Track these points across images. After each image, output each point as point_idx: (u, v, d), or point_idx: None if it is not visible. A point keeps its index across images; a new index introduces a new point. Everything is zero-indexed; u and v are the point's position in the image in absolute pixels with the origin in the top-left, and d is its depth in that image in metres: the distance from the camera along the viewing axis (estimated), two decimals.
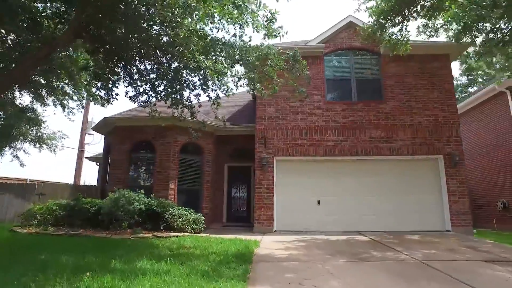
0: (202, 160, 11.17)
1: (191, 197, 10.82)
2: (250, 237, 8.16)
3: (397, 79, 10.30)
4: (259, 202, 9.68)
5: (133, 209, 8.67)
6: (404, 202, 9.62)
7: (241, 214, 12.34)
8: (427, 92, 10.13)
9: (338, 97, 10.48)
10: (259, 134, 10.19)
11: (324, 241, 7.81)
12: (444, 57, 10.34)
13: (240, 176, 12.63)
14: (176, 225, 8.54)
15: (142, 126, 10.67)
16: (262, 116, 10.33)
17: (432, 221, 9.43)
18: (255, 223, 9.55)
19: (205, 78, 6.38)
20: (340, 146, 9.88)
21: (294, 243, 7.48)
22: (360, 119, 10.06)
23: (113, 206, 8.60)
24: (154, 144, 10.54)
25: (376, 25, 8.64)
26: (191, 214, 8.93)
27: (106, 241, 6.96)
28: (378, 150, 9.76)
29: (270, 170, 9.88)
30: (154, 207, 9.00)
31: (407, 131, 9.86)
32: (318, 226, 9.62)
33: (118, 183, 10.28)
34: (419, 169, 9.82)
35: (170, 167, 10.28)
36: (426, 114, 9.95)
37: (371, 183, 9.81)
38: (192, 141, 10.97)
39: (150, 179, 10.43)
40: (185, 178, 10.71)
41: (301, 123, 10.17)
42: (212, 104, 7.06)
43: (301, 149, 9.95)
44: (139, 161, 10.75)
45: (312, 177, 10.00)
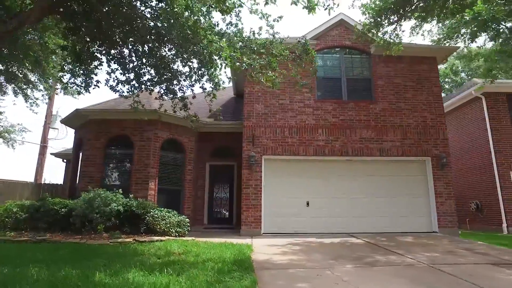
0: (184, 158, 10.45)
1: (172, 197, 10.07)
2: (239, 241, 7.63)
3: (387, 80, 10.26)
4: (247, 203, 9.16)
5: (110, 210, 7.80)
6: (393, 204, 9.56)
7: (223, 216, 11.75)
8: (416, 94, 10.18)
9: (328, 96, 10.24)
10: (247, 132, 9.68)
11: (319, 244, 7.47)
12: (431, 60, 10.47)
13: (222, 176, 12.03)
14: (159, 228, 7.80)
15: (120, 120, 9.76)
16: (250, 113, 9.83)
17: (420, 223, 9.45)
18: (242, 225, 9.03)
19: (206, 64, 5.75)
20: (330, 146, 9.64)
21: (288, 247, 7.06)
22: (350, 119, 9.89)
23: (87, 208, 7.68)
24: (133, 139, 9.67)
25: (372, 23, 8.48)
26: (174, 216, 8.21)
27: (82, 248, 6.10)
28: (368, 150, 9.63)
29: (258, 169, 9.41)
30: (134, 208, 8.18)
31: (397, 132, 9.83)
32: (307, 228, 9.29)
33: (91, 181, 9.29)
34: (408, 171, 9.82)
35: (150, 165, 9.46)
36: (415, 115, 9.99)
37: (361, 184, 9.66)
38: (174, 138, 10.23)
39: (128, 178, 9.54)
40: (166, 177, 9.94)
41: (291, 121, 9.80)
42: (207, 96, 6.46)
43: (290, 148, 9.57)
44: (116, 158, 9.81)
45: (301, 177, 9.66)
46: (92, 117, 9.77)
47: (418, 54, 10.44)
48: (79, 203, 7.92)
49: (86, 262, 4.73)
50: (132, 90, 7.39)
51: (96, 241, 6.92)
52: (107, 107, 9.82)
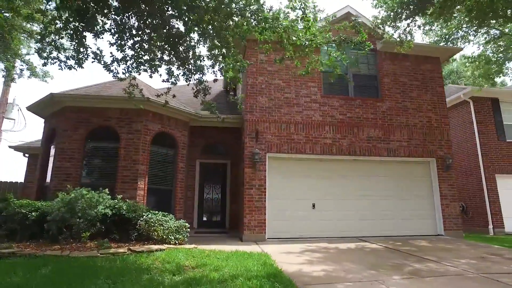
0: (175, 155, 9.31)
1: (162, 198, 8.90)
2: (248, 248, 6.77)
3: (393, 78, 9.93)
4: (250, 206, 8.29)
5: (96, 214, 6.55)
6: (398, 206, 9.21)
7: (214, 219, 10.74)
8: (420, 93, 9.95)
9: (334, 91, 9.67)
10: (249, 127, 8.81)
11: (337, 250, 6.82)
12: (435, 60, 10.33)
13: (214, 175, 11.03)
14: (156, 235, 6.67)
15: (103, 109, 8.41)
16: (253, 106, 8.97)
17: (425, 225, 9.20)
18: (245, 230, 8.14)
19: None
20: (338, 144, 9.07)
21: (308, 255, 6.32)
22: (357, 116, 9.40)
23: (67, 211, 6.36)
24: (119, 131, 8.37)
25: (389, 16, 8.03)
26: (172, 221, 7.12)
27: (67, 263, 4.85)
28: (376, 150, 9.20)
29: (262, 168, 8.58)
30: (123, 211, 6.96)
31: (403, 132, 9.51)
32: (313, 232, 8.63)
33: (67, 179, 7.87)
34: (413, 172, 9.55)
35: (139, 161, 8.24)
36: (420, 115, 9.75)
37: (366, 186, 9.20)
38: (166, 131, 9.07)
39: (112, 175, 8.22)
40: (156, 176, 8.76)
41: (297, 117, 9.10)
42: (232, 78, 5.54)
43: (296, 145, 8.86)
44: (97, 153, 8.42)
45: (307, 178, 8.99)
46: (69, 104, 8.32)
47: (422, 53, 10.23)
48: (55, 205, 6.56)
49: (82, 287, 3.61)
50: (129, 70, 6.24)
51: (82, 252, 5.66)
52: (90, 92, 8.41)
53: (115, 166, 8.27)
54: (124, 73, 6.26)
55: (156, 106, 8.56)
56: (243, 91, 10.11)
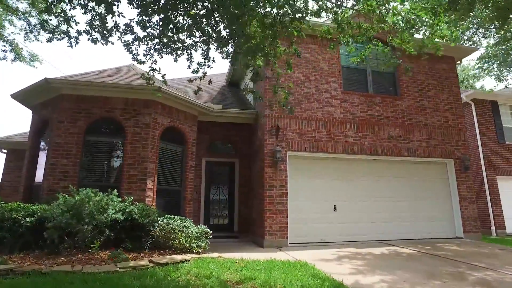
0: (185, 152, 8.45)
1: (171, 200, 8.03)
2: (277, 255, 6.13)
3: (411, 76, 9.63)
4: (271, 208, 7.63)
5: (106, 219, 5.62)
6: (416, 208, 8.92)
7: (221, 222, 9.96)
8: (437, 93, 9.74)
9: (354, 88, 9.22)
10: (269, 123, 8.14)
11: (375, 256, 6.33)
12: (450, 60, 10.17)
13: (221, 174, 10.25)
14: (178, 243, 5.83)
15: (106, 98, 7.41)
16: (273, 101, 8.31)
17: (443, 227, 8.97)
18: (266, 235, 7.46)
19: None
20: (359, 143, 8.61)
21: (348, 262, 5.77)
22: (378, 115, 9.01)
23: (72, 216, 5.38)
24: (124, 124, 7.40)
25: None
26: (192, 227, 6.31)
27: (88, 283, 3.95)
28: (397, 150, 8.85)
29: (283, 167, 7.94)
30: (135, 216, 6.07)
31: (423, 132, 9.23)
32: (335, 236, 8.12)
33: (65, 179, 6.82)
34: (430, 173, 9.30)
35: (147, 158, 7.32)
36: (438, 115, 9.53)
37: (386, 187, 8.83)
38: (175, 126, 8.19)
39: (117, 174, 7.25)
40: (164, 175, 7.86)
41: (317, 113, 8.54)
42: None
43: (318, 143, 8.30)
44: (99, 148, 7.39)
45: (328, 178, 8.46)
46: (67, 92, 7.24)
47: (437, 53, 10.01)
48: (56, 209, 5.56)
49: None
50: (151, 53, 5.39)
51: (96, 266, 4.74)
52: (89, 79, 7.36)
53: (120, 164, 7.30)
54: (145, 54, 5.40)
55: (165, 97, 7.70)
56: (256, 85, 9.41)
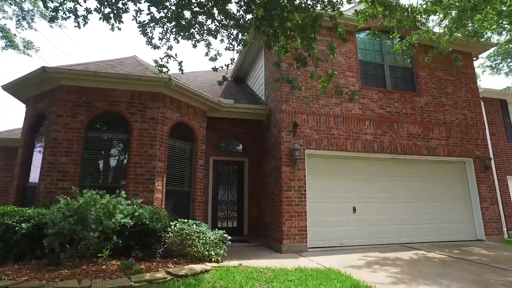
0: (194, 150, 7.83)
1: (179, 202, 7.41)
2: (300, 262, 5.60)
3: (428, 72, 9.24)
4: (289, 210, 7.09)
5: (114, 225, 4.98)
6: (436, 209, 8.51)
7: (230, 225, 9.36)
8: (455, 89, 9.36)
9: (372, 83, 8.76)
10: (286, 119, 7.59)
11: (406, 262, 5.85)
12: (467, 55, 9.82)
13: (229, 174, 9.66)
14: (195, 250, 5.23)
15: (110, 90, 6.74)
16: (289, 95, 7.77)
17: (463, 230, 8.58)
18: (284, 240, 6.92)
19: None
20: (379, 141, 8.15)
21: (380, 269, 5.27)
22: (397, 111, 8.56)
23: (77, 221, 4.72)
24: (130, 119, 6.75)
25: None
26: (208, 232, 5.71)
27: None
28: (416, 148, 8.42)
29: (302, 166, 7.41)
30: (146, 220, 5.44)
31: (442, 130, 8.84)
32: (354, 239, 7.64)
33: (64, 179, 6.14)
34: (449, 172, 8.91)
35: (156, 156, 6.69)
36: (457, 113, 9.15)
37: (405, 187, 8.40)
38: (184, 122, 7.58)
39: (122, 174, 6.59)
40: (172, 175, 7.23)
41: (336, 109, 8.04)
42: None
43: (337, 141, 7.80)
44: (102, 146, 6.70)
45: (346, 178, 7.98)
46: (67, 82, 6.54)
47: (455, 48, 9.65)
48: (57, 214, 4.89)
49: None
50: (167, 36, 4.78)
51: (107, 281, 4.10)
52: (93, 69, 6.67)
53: (125, 162, 6.64)
54: (161, 38, 4.79)
55: (174, 90, 7.08)
56: (269, 79, 8.87)
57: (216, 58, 5.45)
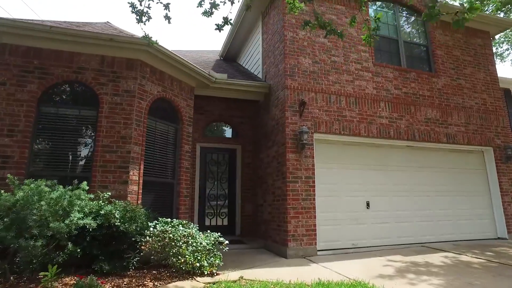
0: (178, 132, 6.46)
1: (160, 196, 6.04)
2: (314, 271, 4.43)
3: (446, 50, 8.22)
4: (295, 206, 5.88)
5: (69, 228, 3.58)
6: (456, 204, 7.56)
7: (220, 223, 8.07)
8: (473, 71, 8.41)
9: (386, 60, 7.64)
10: (291, 96, 6.35)
11: (440, 268, 4.77)
12: (485, 35, 8.89)
13: (219, 164, 8.34)
14: (182, 261, 3.90)
15: (73, 54, 5.25)
16: (294, 69, 6.52)
17: (484, 227, 7.68)
18: (290, 242, 5.71)
19: None
20: (395, 126, 7.07)
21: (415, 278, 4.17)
22: (413, 93, 7.50)
23: (9, 225, 3.30)
24: (98, 91, 5.29)
25: None
26: (198, 235, 4.40)
27: None
28: (435, 135, 7.40)
29: (310, 153, 6.21)
30: (116, 220, 4.06)
31: (461, 115, 7.86)
32: (368, 239, 6.55)
33: (6, 165, 4.64)
34: (466, 163, 7.97)
35: (131, 138, 5.28)
36: (476, 97, 8.21)
37: (423, 179, 7.38)
38: (167, 98, 6.18)
39: (87, 160, 5.15)
40: (152, 162, 5.84)
41: (347, 87, 6.87)
42: None
43: (349, 124, 6.64)
44: (59, 124, 5.20)
45: (359, 168, 6.85)
46: (12, 41, 4.99)
47: (473, 26, 8.70)
48: None
49: None
50: None
51: None
52: (50, 24, 5.13)
53: (90, 146, 5.20)
54: None
55: (157, 58, 5.69)
56: (268, 53, 7.58)
57: (211, 11, 4.18)
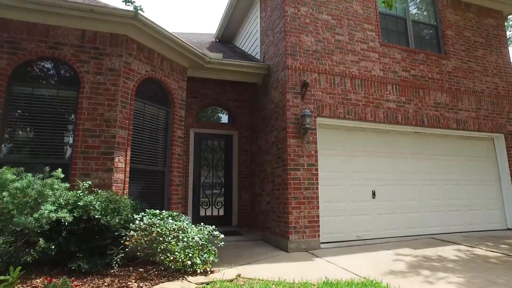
0: (170, 116, 5.94)
1: (150, 185, 5.55)
2: (319, 267, 4.00)
3: (456, 31, 7.70)
4: (297, 196, 5.43)
5: (39, 222, 3.10)
6: (465, 193, 7.17)
7: (215, 214, 7.64)
8: (485, 53, 7.91)
9: (394, 40, 7.12)
10: (292, 77, 5.83)
11: (456, 263, 4.38)
12: (498, 14, 8.36)
13: (214, 151, 7.86)
14: (171, 259, 3.45)
15: (49, 27, 4.68)
16: (295, 48, 5.98)
17: (492, 217, 7.30)
18: (291, 234, 5.28)
19: None
20: (403, 111, 6.60)
21: (430, 275, 3.76)
22: (422, 75, 7.01)
23: None
24: (78, 69, 4.74)
25: None
26: (190, 228, 3.95)
27: None
28: (444, 120, 6.95)
29: (313, 138, 5.74)
30: (95, 212, 3.58)
31: (471, 100, 7.41)
32: (374, 231, 6.16)
33: None
34: (476, 150, 7.55)
35: (116, 121, 4.77)
36: (487, 80, 7.73)
37: (431, 167, 6.96)
38: (157, 78, 5.63)
39: (66, 146, 4.64)
40: (141, 148, 5.34)
41: (353, 69, 6.36)
42: None
43: (354, 108, 6.16)
44: (35, 105, 4.67)
45: (365, 155, 6.41)
46: None
47: (485, 4, 8.17)
48: None
49: None
50: None
51: None
52: None
53: (71, 130, 4.68)
54: None
55: (145, 33, 5.14)
56: (267, 31, 7.02)
57: None
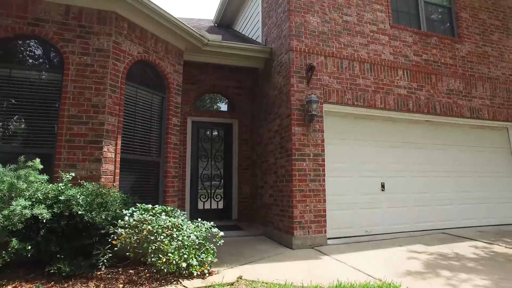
0: (165, 103, 5.50)
1: (143, 177, 5.15)
2: (328, 267, 3.64)
3: (471, 13, 7.23)
4: (302, 188, 5.04)
5: (8, 219, 2.69)
6: (477, 186, 6.80)
7: (214, 207, 7.27)
8: (501, 37, 7.45)
9: (404, 21, 6.65)
10: (297, 60, 5.38)
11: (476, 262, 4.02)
12: None
13: (213, 140, 7.45)
14: (163, 262, 3.06)
15: (28, 2, 4.22)
16: (300, 29, 5.52)
17: (506, 211, 6.94)
18: (296, 230, 4.91)
19: None
20: (414, 98, 6.17)
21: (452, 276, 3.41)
22: (434, 60, 6.57)
23: None
24: (62, 49, 4.29)
25: None
26: (186, 225, 3.57)
27: None
28: (458, 108, 6.54)
29: (319, 126, 5.32)
30: (78, 208, 3.18)
31: (486, 87, 6.98)
32: (384, 225, 5.79)
33: None
34: (488, 140, 7.15)
35: (104, 107, 4.33)
36: (503, 66, 7.29)
37: (443, 158, 6.57)
38: (151, 61, 5.17)
39: (47, 134, 4.21)
40: (133, 137, 4.92)
41: (362, 52, 5.91)
42: None
43: (363, 94, 5.73)
44: (14, 89, 4.22)
45: (374, 145, 6.00)
46: None
47: None
48: None
49: None
50: None
51: None
52: None
53: (54, 116, 4.25)
54: None
55: (137, 10, 4.67)
56: (269, 12, 6.53)
57: None
